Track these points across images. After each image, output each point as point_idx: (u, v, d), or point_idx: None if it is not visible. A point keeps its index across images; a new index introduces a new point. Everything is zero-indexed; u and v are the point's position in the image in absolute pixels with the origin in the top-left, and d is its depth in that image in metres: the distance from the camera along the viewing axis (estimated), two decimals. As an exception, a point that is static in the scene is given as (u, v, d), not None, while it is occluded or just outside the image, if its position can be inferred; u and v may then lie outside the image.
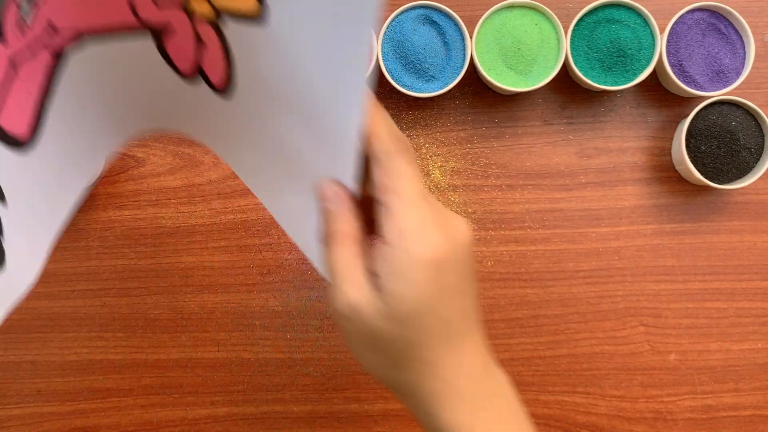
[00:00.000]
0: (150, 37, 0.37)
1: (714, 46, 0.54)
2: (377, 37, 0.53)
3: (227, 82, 0.38)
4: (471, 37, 0.53)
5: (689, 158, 0.53)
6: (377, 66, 0.53)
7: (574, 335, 0.56)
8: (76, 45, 0.36)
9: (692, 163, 0.53)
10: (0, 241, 0.35)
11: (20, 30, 0.32)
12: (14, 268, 0.37)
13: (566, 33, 0.53)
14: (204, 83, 0.39)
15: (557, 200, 0.57)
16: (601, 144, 0.57)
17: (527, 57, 0.53)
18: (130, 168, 0.57)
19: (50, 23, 0.34)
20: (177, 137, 0.57)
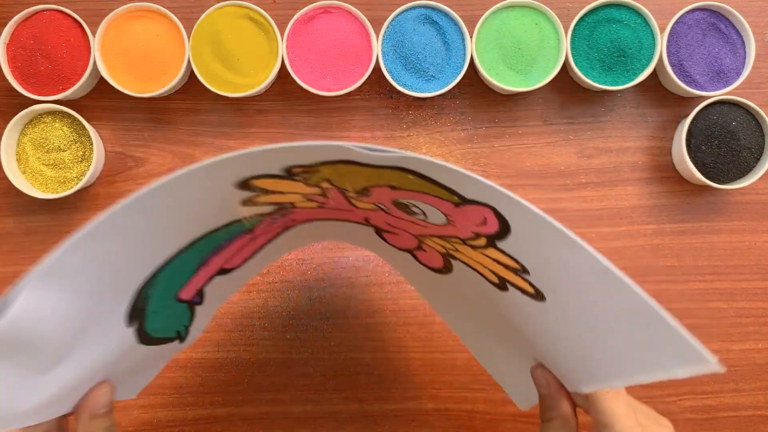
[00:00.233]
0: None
1: (714, 46, 0.54)
2: (377, 37, 0.53)
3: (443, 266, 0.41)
4: (471, 37, 0.53)
5: (690, 158, 0.53)
6: (377, 65, 0.53)
7: (575, 335, 0.56)
8: (309, 221, 0.41)
9: (692, 163, 0.53)
10: (189, 326, 0.43)
11: (269, 225, 0.39)
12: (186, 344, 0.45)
13: (566, 33, 0.53)
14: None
15: (557, 200, 0.57)
16: (602, 144, 0.57)
17: (527, 57, 0.53)
18: (130, 168, 0.57)
19: (294, 221, 0.40)
20: (176, 137, 0.57)
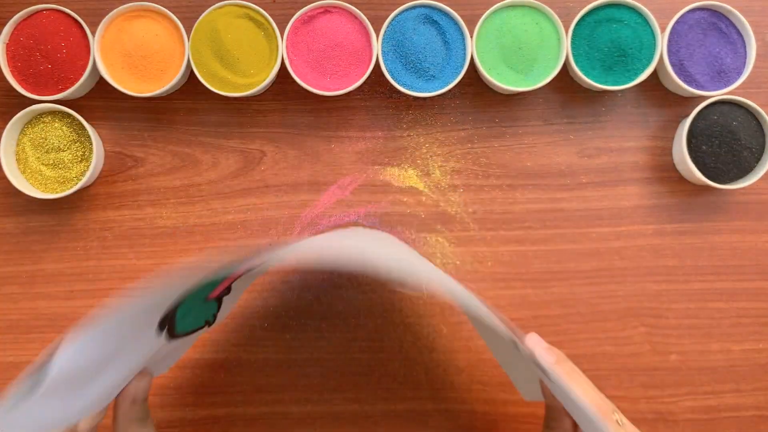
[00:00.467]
0: None
1: (715, 46, 0.54)
2: (377, 37, 0.53)
3: None
4: (471, 37, 0.53)
5: (690, 158, 0.53)
6: (377, 65, 0.53)
7: (575, 336, 0.56)
8: None
9: (693, 163, 0.53)
10: (216, 314, 0.47)
11: None
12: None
13: (567, 32, 0.53)
14: None
15: (558, 200, 0.57)
16: (602, 144, 0.57)
17: (528, 56, 0.53)
18: (129, 168, 0.57)
19: None
20: (176, 137, 0.57)
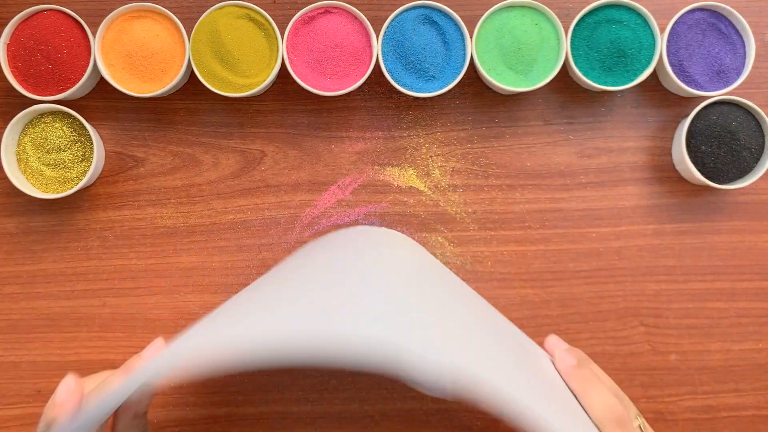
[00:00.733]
0: None
1: (714, 46, 0.54)
2: (377, 37, 0.53)
3: None
4: (471, 37, 0.53)
5: (689, 158, 0.53)
6: (377, 65, 0.53)
7: (575, 335, 0.56)
8: None
9: (692, 163, 0.53)
10: None
11: None
12: None
13: (566, 33, 0.53)
14: None
15: (557, 200, 0.57)
16: (602, 144, 0.57)
17: (527, 57, 0.53)
18: (130, 168, 0.57)
19: None
20: (176, 137, 0.57)
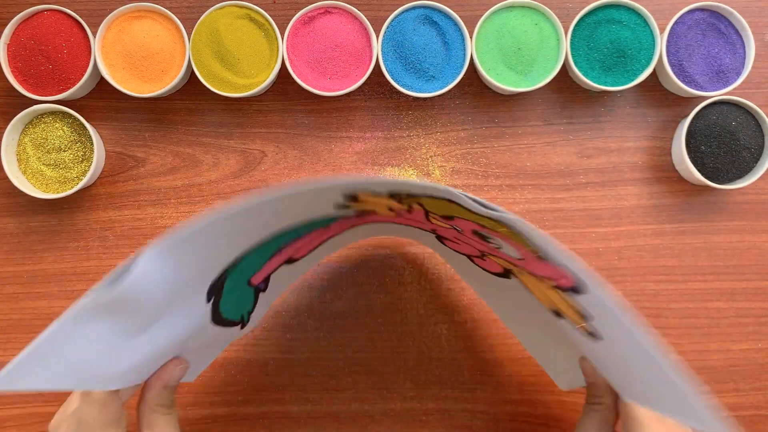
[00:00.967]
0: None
1: (714, 46, 0.54)
2: (377, 37, 0.53)
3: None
4: (471, 37, 0.53)
5: (689, 158, 0.53)
6: (377, 65, 0.53)
7: (575, 335, 0.56)
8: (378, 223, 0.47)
9: (692, 163, 0.53)
10: (251, 312, 0.47)
11: (344, 222, 0.43)
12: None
13: (566, 33, 0.53)
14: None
15: (557, 200, 0.57)
16: (601, 144, 0.57)
17: (527, 57, 0.53)
18: (130, 168, 0.57)
19: (368, 220, 0.45)
20: (177, 137, 0.57)
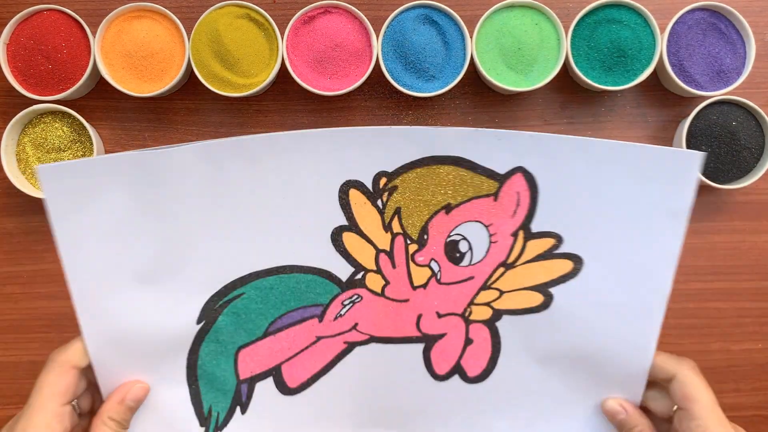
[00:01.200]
0: (422, 344, 0.48)
1: (714, 46, 0.54)
2: (377, 37, 0.53)
3: (485, 371, 0.48)
4: (471, 37, 0.53)
5: (690, 158, 0.53)
6: (377, 65, 0.53)
7: (575, 335, 0.56)
8: (364, 342, 0.48)
9: (693, 163, 0.53)
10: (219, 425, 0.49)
11: (335, 320, 0.47)
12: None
13: (566, 33, 0.53)
14: (456, 378, 0.49)
15: (557, 200, 0.57)
16: (602, 144, 0.57)
17: (527, 57, 0.53)
18: (130, 168, 0.57)
19: (356, 325, 0.47)
20: (176, 137, 0.57)
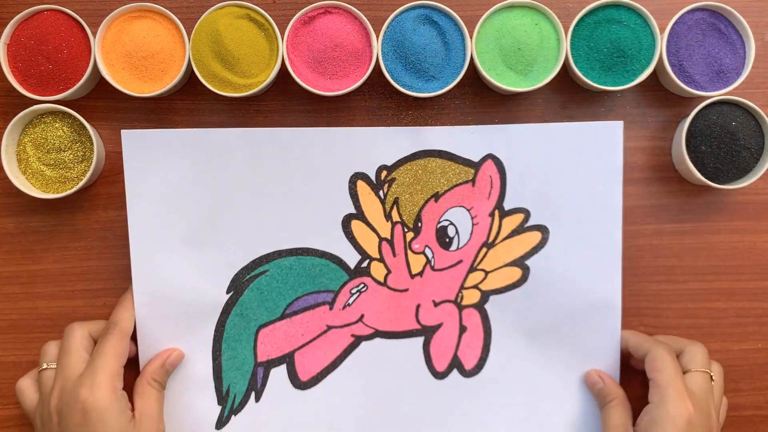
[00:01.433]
0: (421, 337, 0.53)
1: (714, 46, 0.54)
2: (377, 37, 0.53)
3: (480, 359, 0.53)
4: (471, 37, 0.53)
5: (689, 158, 0.53)
6: (377, 65, 0.53)
7: (575, 335, 0.56)
8: (369, 337, 0.53)
9: (692, 163, 0.53)
10: (234, 405, 0.54)
11: (343, 309, 0.53)
12: None
13: (566, 33, 0.53)
14: (455, 373, 0.53)
15: (557, 200, 0.57)
16: (601, 144, 0.57)
17: (527, 57, 0.53)
18: (130, 168, 0.57)
19: (362, 317, 0.53)
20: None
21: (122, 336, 0.50)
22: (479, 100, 0.57)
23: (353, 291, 0.53)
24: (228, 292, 0.53)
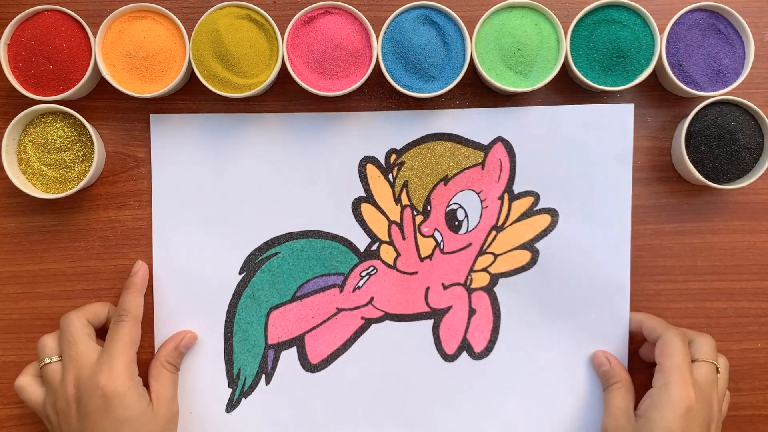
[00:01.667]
0: (431, 319, 0.53)
1: (714, 47, 0.54)
2: (377, 37, 0.53)
3: (489, 342, 0.54)
4: (471, 37, 0.53)
5: (689, 158, 0.53)
6: (377, 66, 0.53)
7: (574, 335, 0.56)
8: (379, 319, 0.54)
9: (692, 163, 0.53)
10: (245, 387, 0.54)
11: (353, 291, 0.53)
12: None
13: (566, 33, 0.53)
14: (464, 355, 0.54)
15: (557, 200, 0.57)
16: (601, 144, 0.57)
17: (527, 57, 0.53)
18: (131, 168, 0.57)
19: (372, 299, 0.53)
20: (177, 137, 0.57)
21: (135, 322, 0.51)
22: (479, 101, 0.57)
23: (363, 274, 0.53)
24: (240, 273, 0.54)
